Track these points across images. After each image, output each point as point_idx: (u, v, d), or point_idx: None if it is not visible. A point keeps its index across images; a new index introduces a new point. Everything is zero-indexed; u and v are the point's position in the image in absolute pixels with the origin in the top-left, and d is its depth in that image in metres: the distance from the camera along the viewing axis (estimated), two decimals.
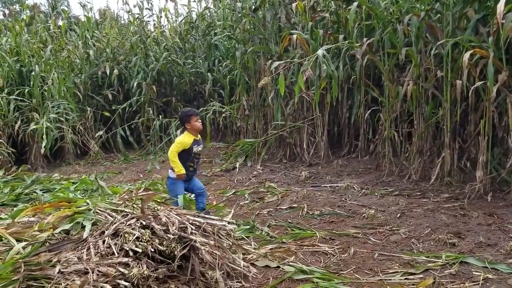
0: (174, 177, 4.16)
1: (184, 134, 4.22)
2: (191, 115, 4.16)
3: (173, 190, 4.21)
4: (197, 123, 4.16)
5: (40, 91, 9.04)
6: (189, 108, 4.70)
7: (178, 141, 4.17)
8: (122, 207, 3.11)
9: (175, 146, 4.11)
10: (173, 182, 4.20)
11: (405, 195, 4.73)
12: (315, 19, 6.70)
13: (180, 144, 4.12)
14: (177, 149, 4.10)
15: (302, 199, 4.88)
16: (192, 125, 4.14)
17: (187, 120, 4.15)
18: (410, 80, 5.02)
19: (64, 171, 8.54)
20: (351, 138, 7.06)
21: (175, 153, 4.09)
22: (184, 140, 4.14)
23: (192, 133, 4.17)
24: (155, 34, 10.47)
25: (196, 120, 4.15)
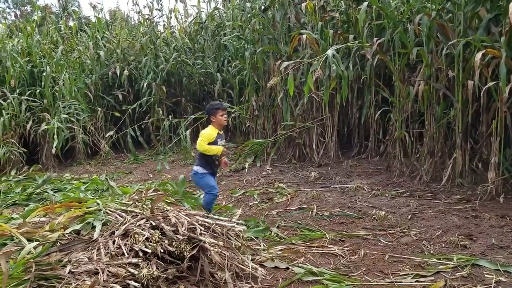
0: (202, 172, 4.22)
1: (208, 127, 4.24)
2: (217, 109, 4.20)
3: (204, 183, 4.26)
4: (222, 118, 4.20)
5: (51, 92, 9.13)
6: (217, 102, 4.76)
7: (204, 134, 4.17)
8: (132, 208, 3.12)
9: (202, 139, 4.12)
10: (202, 176, 4.24)
11: (416, 196, 4.68)
12: (325, 19, 6.67)
13: (205, 136, 4.14)
14: (204, 142, 4.11)
15: (312, 200, 4.86)
16: (218, 119, 4.18)
17: (213, 113, 4.19)
18: (421, 80, 4.97)
19: (75, 171, 8.61)
20: (361, 139, 7.02)
21: (204, 144, 4.10)
22: (209, 133, 4.16)
23: (216, 126, 4.21)
24: (165, 34, 10.50)
25: (222, 115, 4.19)
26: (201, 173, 4.25)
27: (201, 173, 4.25)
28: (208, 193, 4.26)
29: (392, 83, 6.39)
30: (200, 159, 4.30)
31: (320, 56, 5.30)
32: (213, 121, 4.21)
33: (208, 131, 4.19)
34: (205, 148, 4.10)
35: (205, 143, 4.11)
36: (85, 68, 10.69)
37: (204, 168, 4.25)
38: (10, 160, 8.45)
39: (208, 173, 4.27)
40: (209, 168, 4.27)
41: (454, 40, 4.63)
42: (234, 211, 4.82)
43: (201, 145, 4.11)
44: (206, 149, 4.11)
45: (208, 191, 4.26)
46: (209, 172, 4.28)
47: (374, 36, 6.25)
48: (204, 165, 4.25)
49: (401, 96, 5.50)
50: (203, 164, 4.25)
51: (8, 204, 5.62)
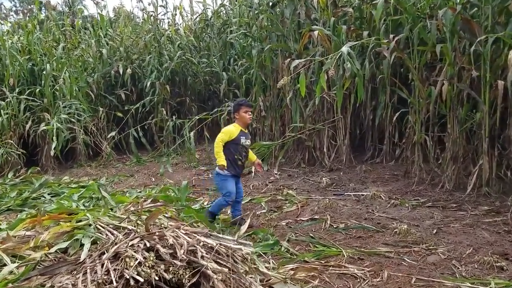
0: (224, 174, 4.01)
1: (233, 124, 4.09)
2: (242, 105, 4.06)
3: (223, 187, 4.06)
4: (246, 115, 4.03)
5: (51, 91, 8.82)
6: (243, 99, 4.60)
7: (225, 129, 4.04)
8: (125, 223, 2.76)
9: (221, 134, 3.97)
10: (223, 179, 4.04)
11: (439, 206, 4.29)
12: (338, 14, 6.28)
13: (226, 133, 3.97)
14: (222, 138, 3.94)
15: (324, 209, 4.49)
16: (241, 116, 4.03)
17: (237, 109, 4.05)
18: (444, 80, 4.57)
19: (75, 173, 8.30)
20: (375, 142, 6.63)
21: (220, 142, 3.94)
22: (230, 129, 4.01)
23: (240, 124, 4.06)
24: (169, 32, 10.16)
25: (246, 112, 4.02)
26: (223, 175, 4.03)
27: (223, 175, 4.03)
28: (223, 197, 4.08)
29: (408, 83, 6.01)
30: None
31: (333, 54, 4.93)
32: (236, 118, 4.08)
33: (230, 127, 4.05)
34: (217, 147, 3.93)
35: (222, 140, 3.94)
36: (88, 66, 10.38)
37: (227, 169, 4.00)
38: (8, 162, 8.14)
39: (231, 176, 4.05)
40: (232, 169, 4.04)
41: (482, 37, 4.22)
42: None
43: (217, 142, 3.95)
44: (216, 149, 3.94)
45: (224, 195, 4.06)
46: (231, 174, 4.05)
47: (389, 32, 5.88)
48: (227, 167, 3.99)
49: (420, 97, 5.10)
50: (227, 166, 3.99)
51: (2, 210, 5.29)
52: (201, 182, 6.51)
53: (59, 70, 8.95)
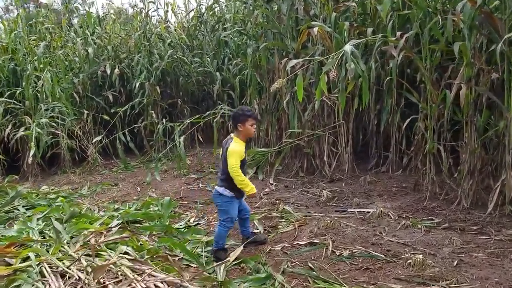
0: (230, 196, 3.49)
1: (235, 142, 3.45)
2: (249, 117, 3.44)
3: (225, 211, 3.52)
4: (252, 128, 3.49)
5: (33, 93, 8.25)
6: (249, 108, 3.85)
7: (234, 151, 3.38)
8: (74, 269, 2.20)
9: (235, 158, 3.36)
10: (228, 201, 3.51)
11: (457, 229, 3.73)
12: (339, 9, 5.72)
13: (238, 155, 3.38)
14: (238, 163, 3.36)
15: (325, 230, 3.93)
16: (246, 128, 3.45)
17: (242, 120, 3.43)
18: (462, 83, 4.02)
19: (57, 181, 7.74)
20: (380, 149, 6.07)
21: (238, 169, 3.35)
22: (240, 150, 3.41)
23: (242, 138, 3.48)
24: (159, 29, 9.57)
25: (252, 125, 3.48)
26: (229, 196, 3.50)
27: (229, 196, 3.50)
28: (222, 223, 3.52)
29: (416, 85, 5.46)
30: (226, 182, 3.49)
31: (335, 53, 4.37)
32: (240, 130, 3.45)
33: (238, 147, 3.41)
34: (239, 176, 3.35)
35: (238, 165, 3.35)
36: (74, 66, 9.79)
37: (232, 191, 3.48)
38: None
39: (236, 198, 3.53)
40: (237, 192, 3.50)
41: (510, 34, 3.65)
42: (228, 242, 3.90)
43: (235, 169, 3.34)
44: (240, 179, 3.36)
45: (224, 221, 3.52)
46: (236, 196, 3.53)
47: (396, 30, 5.33)
48: (232, 189, 3.47)
49: (432, 101, 4.55)
50: (232, 188, 3.46)
51: None
52: (190, 194, 5.95)
53: (40, 70, 8.36)
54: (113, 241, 2.71)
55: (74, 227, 3.27)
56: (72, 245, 2.82)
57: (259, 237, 3.84)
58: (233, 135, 3.51)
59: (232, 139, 3.48)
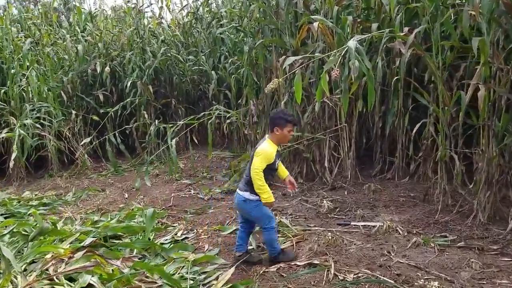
0: (255, 199, 3.26)
1: (267, 143, 3.25)
2: (289, 122, 3.23)
3: (260, 214, 3.29)
4: (288, 135, 3.29)
5: (18, 92, 7.84)
6: (290, 112, 3.61)
7: (263, 152, 3.18)
8: None
9: (261, 160, 3.15)
10: (256, 205, 3.27)
11: (475, 248, 3.31)
12: (342, 3, 5.29)
13: (265, 157, 3.17)
14: (263, 165, 3.16)
15: (326, 248, 3.51)
16: (284, 134, 3.24)
17: (281, 125, 3.22)
18: (479, 83, 3.59)
19: (42, 185, 7.32)
20: (385, 154, 5.65)
21: (261, 172, 3.15)
22: (270, 152, 3.19)
23: (276, 142, 3.29)
24: (151, 26, 9.14)
25: (290, 131, 3.27)
26: (254, 200, 3.26)
27: (254, 200, 3.26)
28: (266, 228, 3.31)
29: (424, 85, 5.04)
30: (251, 185, 3.23)
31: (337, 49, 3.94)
32: (276, 133, 3.24)
33: (269, 148, 3.20)
34: (260, 180, 3.14)
35: (262, 168, 3.15)
36: (64, 64, 9.36)
37: (257, 195, 3.24)
38: None
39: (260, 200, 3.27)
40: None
41: None
42: (218, 261, 3.49)
43: (257, 171, 3.13)
44: (260, 183, 3.14)
45: (266, 225, 3.29)
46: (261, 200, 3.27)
47: (403, 25, 4.92)
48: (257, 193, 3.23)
49: (444, 104, 4.13)
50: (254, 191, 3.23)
51: None
52: (181, 201, 5.54)
53: (25, 68, 7.94)
54: (74, 271, 2.31)
55: (36, 249, 2.85)
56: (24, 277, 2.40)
57: (253, 257, 3.47)
58: (268, 137, 3.30)
59: (265, 140, 3.29)
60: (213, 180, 6.45)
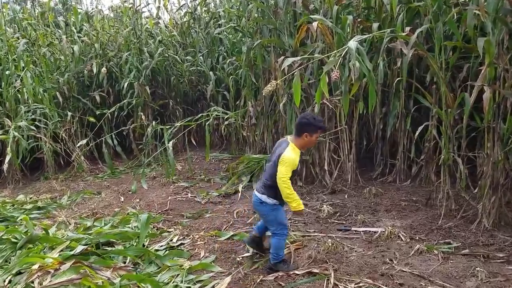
0: (273, 204, 3.21)
1: (291, 148, 3.12)
2: (319, 128, 3.18)
3: (275, 219, 3.23)
4: (315, 140, 3.25)
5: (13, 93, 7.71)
6: (320, 118, 3.47)
7: (288, 160, 3.06)
8: None
9: (287, 168, 3.04)
10: (274, 209, 3.23)
11: (480, 255, 3.19)
12: (341, 2, 5.18)
13: (291, 163, 3.07)
14: (289, 173, 3.06)
15: (326, 255, 3.40)
16: (311, 140, 3.17)
17: (311, 131, 3.12)
18: (484, 85, 3.48)
19: (38, 188, 7.19)
20: (386, 156, 5.53)
21: (288, 180, 3.05)
22: (294, 159, 3.09)
23: (299, 147, 3.18)
24: (148, 26, 9.02)
25: (317, 137, 3.22)
26: (272, 204, 3.21)
27: (272, 204, 3.21)
28: (277, 234, 3.24)
29: (425, 86, 4.93)
30: (270, 189, 3.18)
31: (337, 50, 3.83)
32: (304, 139, 3.13)
33: (292, 155, 3.08)
34: (288, 189, 3.03)
35: (289, 176, 3.05)
36: (60, 65, 9.23)
37: (275, 198, 3.20)
38: None
39: (279, 205, 3.25)
40: (280, 200, 3.21)
41: None
42: (214, 269, 3.37)
43: (284, 180, 3.02)
44: (288, 192, 3.04)
45: (278, 230, 3.23)
46: (280, 203, 3.24)
47: (404, 24, 4.80)
48: (275, 196, 3.19)
49: (447, 105, 4.01)
50: (274, 195, 3.18)
51: None
52: (177, 205, 5.42)
53: (20, 69, 7.81)
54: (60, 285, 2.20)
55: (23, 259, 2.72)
56: None
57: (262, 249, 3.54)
58: (290, 140, 3.18)
59: (287, 143, 3.15)
60: (211, 183, 6.32)
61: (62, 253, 3.12)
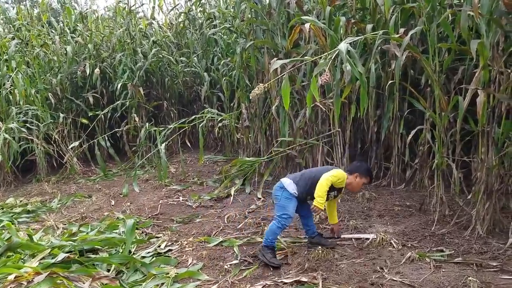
0: (292, 192, 3.43)
1: (343, 176, 3.44)
2: (367, 176, 3.53)
3: (284, 206, 3.43)
4: (361, 187, 3.58)
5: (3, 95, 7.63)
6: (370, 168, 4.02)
7: (341, 174, 3.42)
8: None
9: (333, 177, 3.35)
10: (288, 197, 3.44)
11: (473, 264, 3.10)
12: (335, 3, 5.09)
13: (338, 177, 3.38)
14: (330, 182, 3.34)
15: (316, 263, 3.31)
16: (359, 183, 3.50)
17: (363, 175, 3.49)
18: (478, 88, 3.39)
19: (29, 190, 7.12)
20: (380, 160, 5.44)
21: (326, 185, 3.31)
22: (340, 178, 3.40)
23: (347, 183, 3.48)
24: (141, 26, 8.93)
25: (362, 184, 3.53)
26: (290, 192, 3.43)
27: (290, 192, 3.43)
28: (277, 218, 3.41)
29: (420, 89, 4.85)
30: (303, 181, 3.46)
31: (329, 52, 3.75)
32: (350, 179, 3.47)
33: (341, 175, 3.42)
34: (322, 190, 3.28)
35: (329, 184, 3.32)
36: (53, 66, 9.13)
37: (297, 190, 3.44)
38: None
39: (296, 198, 3.45)
40: (300, 194, 3.45)
41: None
42: (201, 277, 3.28)
43: (323, 184, 3.29)
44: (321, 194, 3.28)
45: (281, 217, 3.40)
46: (298, 197, 3.46)
47: (398, 26, 4.72)
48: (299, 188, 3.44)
49: (441, 109, 3.92)
50: (300, 188, 3.44)
51: None
52: (168, 209, 5.33)
53: (11, 70, 7.72)
54: None
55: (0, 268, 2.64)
56: None
57: (326, 242, 3.62)
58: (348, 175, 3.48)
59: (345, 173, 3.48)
60: (204, 186, 6.23)
61: (43, 261, 3.04)
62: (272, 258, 3.35)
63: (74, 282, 2.55)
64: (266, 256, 3.35)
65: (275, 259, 3.36)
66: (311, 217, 3.69)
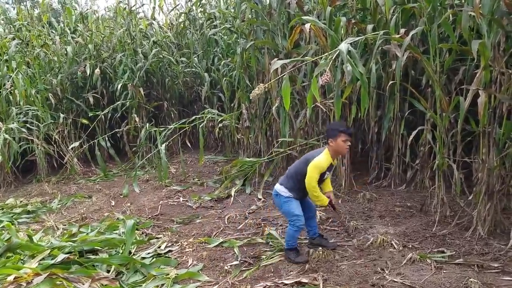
0: (286, 196, 3.43)
1: (323, 154, 3.33)
2: (342, 132, 3.30)
3: (288, 210, 3.43)
4: (344, 145, 3.32)
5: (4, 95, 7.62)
6: (343, 123, 3.75)
7: (317, 164, 3.29)
8: None
9: (314, 170, 3.28)
10: (286, 201, 3.45)
11: (474, 265, 3.08)
12: (335, 3, 5.08)
13: (319, 168, 3.29)
14: (317, 176, 3.29)
15: (317, 264, 3.31)
16: (338, 144, 3.30)
17: (333, 135, 3.31)
18: (479, 89, 3.38)
19: (29, 191, 7.11)
20: (381, 160, 5.43)
21: (315, 182, 3.28)
22: (323, 164, 3.29)
23: (332, 153, 3.34)
24: (142, 26, 8.92)
25: (345, 141, 3.31)
26: (285, 196, 3.44)
27: (285, 196, 3.44)
28: (290, 223, 3.43)
29: (421, 89, 4.84)
30: (290, 180, 3.45)
31: (329, 52, 3.74)
32: (330, 145, 3.32)
33: (322, 160, 3.29)
34: (314, 189, 3.29)
35: (317, 179, 3.29)
36: (53, 66, 9.13)
37: (290, 191, 3.44)
38: None
39: (293, 198, 3.44)
40: (295, 194, 3.45)
41: None
42: (201, 278, 3.27)
43: (311, 184, 3.27)
44: (314, 192, 3.30)
45: (291, 221, 3.42)
46: (294, 197, 3.45)
47: (399, 26, 4.70)
48: (291, 189, 3.43)
49: (442, 109, 3.91)
50: (291, 188, 3.43)
51: None
52: (169, 210, 5.32)
53: (11, 71, 7.71)
54: None
55: None
56: None
57: (327, 243, 3.62)
58: (326, 147, 3.37)
59: (323, 149, 3.37)
60: (204, 186, 6.23)
61: (43, 262, 3.03)
62: (296, 257, 3.41)
63: (73, 283, 2.54)
64: (290, 257, 3.42)
65: (299, 257, 3.41)
66: (314, 218, 3.67)
